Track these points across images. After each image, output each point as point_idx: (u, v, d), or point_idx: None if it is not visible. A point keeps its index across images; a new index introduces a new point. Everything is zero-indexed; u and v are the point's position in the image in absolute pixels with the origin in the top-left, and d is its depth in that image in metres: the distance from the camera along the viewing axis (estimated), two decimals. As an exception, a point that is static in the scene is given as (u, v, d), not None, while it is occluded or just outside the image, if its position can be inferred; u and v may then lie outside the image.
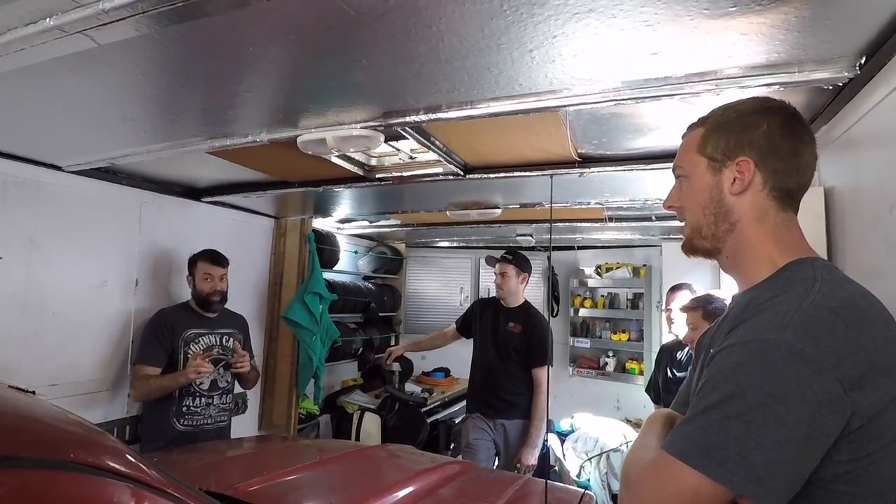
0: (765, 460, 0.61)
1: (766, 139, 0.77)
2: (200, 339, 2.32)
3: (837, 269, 0.76)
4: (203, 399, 2.29)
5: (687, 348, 2.44)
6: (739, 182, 0.78)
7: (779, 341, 0.64)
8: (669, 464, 0.67)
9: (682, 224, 0.88)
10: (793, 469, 0.62)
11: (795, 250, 0.78)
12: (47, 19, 0.91)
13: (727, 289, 2.51)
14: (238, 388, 2.53)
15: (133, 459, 0.77)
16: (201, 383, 2.29)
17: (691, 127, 0.87)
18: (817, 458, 0.63)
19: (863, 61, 1.02)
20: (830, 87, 1.13)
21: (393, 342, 4.43)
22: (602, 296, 4.69)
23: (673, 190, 0.89)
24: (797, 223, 0.81)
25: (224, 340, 2.40)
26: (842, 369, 0.62)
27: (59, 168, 2.02)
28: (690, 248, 0.87)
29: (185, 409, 2.24)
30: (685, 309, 2.11)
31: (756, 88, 1.09)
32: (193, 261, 2.36)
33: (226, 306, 2.47)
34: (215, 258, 2.37)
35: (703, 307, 2.00)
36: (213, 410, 2.33)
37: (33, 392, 0.93)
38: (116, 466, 0.71)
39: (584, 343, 4.66)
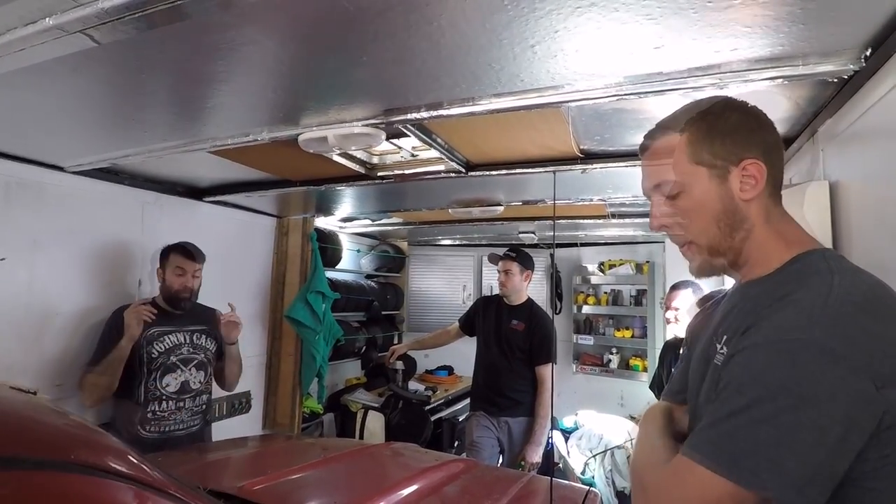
0: (799, 465, 0.58)
1: (759, 137, 0.76)
2: (165, 337, 2.14)
3: (845, 258, 0.74)
4: (172, 403, 2.10)
5: (691, 344, 2.43)
6: (751, 186, 0.75)
7: (808, 341, 0.61)
8: (692, 470, 0.64)
9: (684, 245, 0.82)
10: (828, 473, 0.60)
11: (801, 243, 0.76)
12: (47, 19, 0.91)
13: (730, 283, 2.50)
14: (223, 392, 2.39)
15: (135, 460, 0.77)
16: (167, 385, 2.09)
17: (655, 136, 0.81)
18: (850, 458, 0.60)
19: (868, 53, 1.01)
20: (835, 80, 1.12)
21: (396, 340, 4.43)
22: (605, 293, 4.68)
23: (660, 208, 0.81)
24: (787, 212, 0.80)
25: (195, 338, 2.22)
26: (874, 367, 0.59)
27: (61, 169, 2.03)
28: (709, 270, 0.81)
29: (150, 414, 2.05)
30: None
31: (760, 82, 1.08)
32: (166, 253, 2.18)
33: (213, 305, 2.33)
34: (190, 252, 2.17)
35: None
36: (185, 415, 2.14)
37: (34, 392, 0.93)
38: (118, 467, 0.70)
39: (587, 340, 4.66)
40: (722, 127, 0.76)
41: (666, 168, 0.79)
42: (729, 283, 2.87)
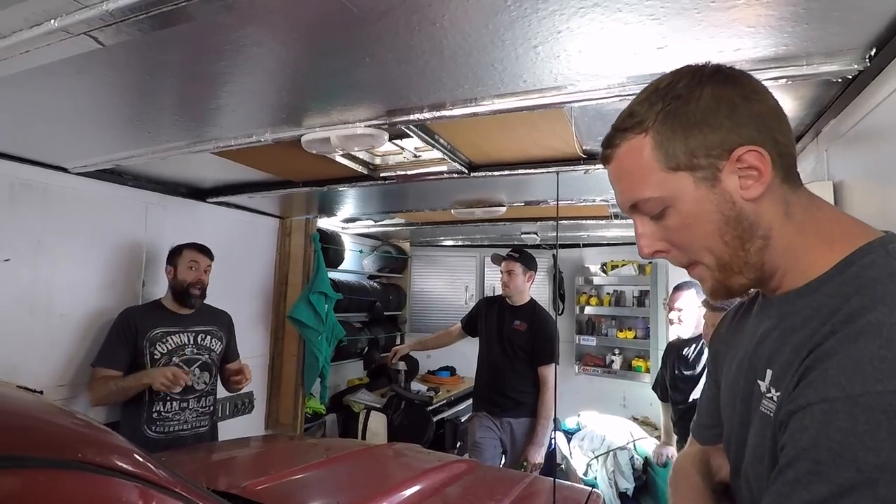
0: None
1: (746, 111, 0.58)
2: (169, 338, 2.13)
3: None
4: (176, 403, 2.11)
5: (694, 345, 2.43)
6: (754, 181, 0.58)
7: None
8: None
9: (690, 267, 0.65)
10: None
11: (846, 236, 0.57)
12: (52, 21, 0.91)
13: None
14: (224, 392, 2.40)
15: (141, 459, 0.77)
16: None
17: (616, 142, 0.63)
18: None
19: (872, 53, 1.01)
20: (839, 80, 1.11)
21: (398, 341, 4.44)
22: (608, 293, 4.68)
23: (644, 230, 0.64)
24: (816, 195, 0.62)
25: (199, 339, 2.23)
26: None
27: (65, 170, 2.03)
28: (727, 293, 0.64)
29: (155, 414, 2.06)
30: (713, 310, 2.01)
31: (764, 82, 1.08)
32: (178, 250, 2.22)
33: (215, 305, 2.36)
34: (203, 248, 2.24)
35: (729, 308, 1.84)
36: (190, 415, 2.15)
37: (41, 392, 0.94)
38: (125, 466, 0.71)
39: (589, 341, 4.66)
40: (693, 112, 0.58)
41: (638, 183, 0.62)
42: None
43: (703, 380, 2.30)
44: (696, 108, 0.59)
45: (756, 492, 0.60)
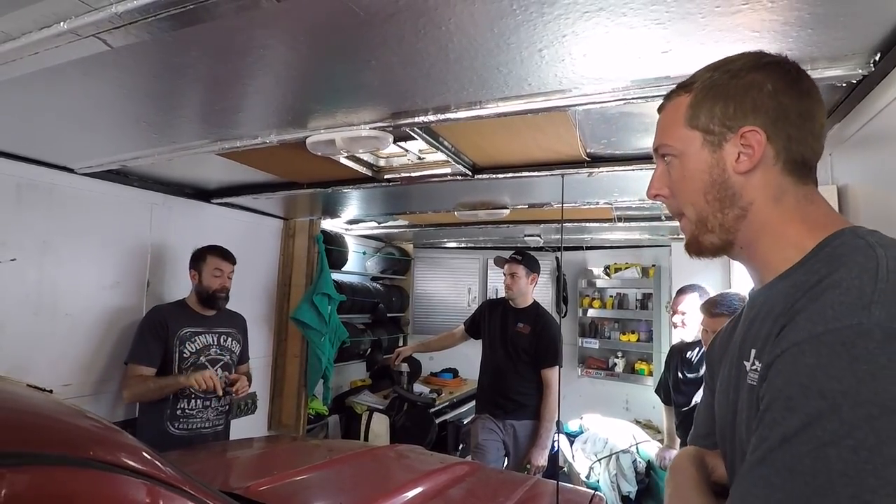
0: (893, 499, 0.43)
1: (773, 101, 0.64)
2: (197, 338, 2.23)
3: (880, 232, 0.61)
4: (199, 401, 2.20)
5: (698, 349, 2.42)
6: (747, 158, 0.65)
7: (867, 326, 0.48)
8: None
9: (678, 218, 0.74)
10: None
11: (827, 225, 0.63)
12: (62, 23, 0.92)
13: (738, 286, 2.48)
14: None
15: (151, 458, 0.78)
16: None
17: (671, 96, 0.73)
18: None
19: (877, 58, 1.01)
20: (844, 85, 1.11)
21: (401, 343, 4.44)
22: (611, 296, 4.68)
23: (658, 174, 0.74)
24: (821, 195, 0.67)
25: (222, 340, 2.32)
26: None
27: (71, 170, 2.05)
28: (697, 248, 0.71)
29: (179, 412, 2.14)
30: (712, 316, 2.03)
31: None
32: (202, 255, 2.28)
33: (226, 306, 2.40)
34: (226, 254, 2.31)
35: (728, 314, 1.87)
36: (211, 413, 2.24)
37: (51, 391, 0.95)
38: (135, 464, 0.72)
39: (592, 344, 4.65)
40: (731, 87, 0.66)
41: (665, 131, 0.72)
42: (735, 283, 2.85)
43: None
44: (735, 85, 0.66)
45: None
